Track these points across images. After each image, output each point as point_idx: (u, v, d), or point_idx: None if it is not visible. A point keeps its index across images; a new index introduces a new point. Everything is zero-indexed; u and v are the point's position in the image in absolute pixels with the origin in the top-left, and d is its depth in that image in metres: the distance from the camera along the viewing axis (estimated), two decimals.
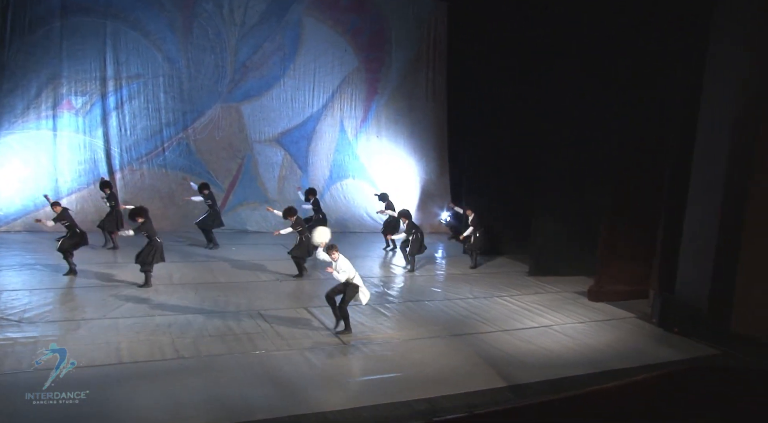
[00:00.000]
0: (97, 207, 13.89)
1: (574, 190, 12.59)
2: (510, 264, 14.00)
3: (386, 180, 17.20)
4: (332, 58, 16.39)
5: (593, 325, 9.58)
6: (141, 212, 10.12)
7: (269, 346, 7.74)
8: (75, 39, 13.80)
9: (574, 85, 12.22)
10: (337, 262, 8.40)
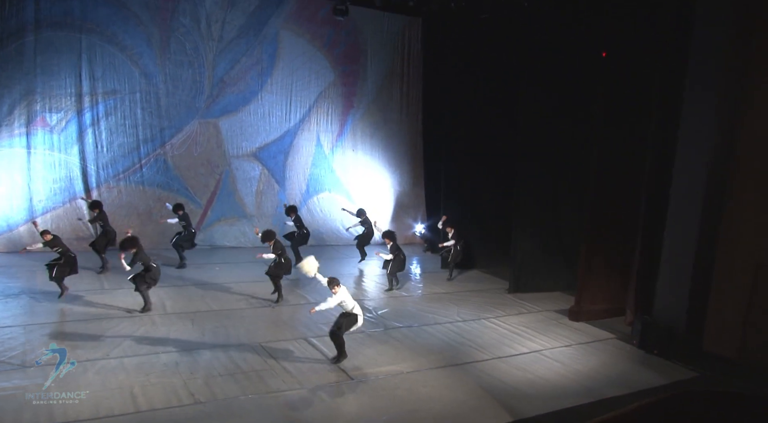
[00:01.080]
0: (73, 226, 13.71)
1: (551, 206, 13.09)
2: (487, 279, 14.46)
3: (362, 193, 17.43)
4: (309, 72, 16.45)
5: (579, 348, 10.08)
6: (133, 243, 10.08)
7: (281, 384, 7.90)
8: (49, 54, 13.45)
9: (551, 101, 12.65)
10: (336, 295, 8.58)
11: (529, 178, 13.03)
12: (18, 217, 13.49)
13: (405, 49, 17.45)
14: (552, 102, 12.67)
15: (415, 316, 11.26)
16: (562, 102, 12.59)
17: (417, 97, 17.62)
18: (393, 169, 17.83)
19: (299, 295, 12.01)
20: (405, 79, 17.59)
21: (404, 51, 17.45)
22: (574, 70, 12.28)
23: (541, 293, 13.14)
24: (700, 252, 10.09)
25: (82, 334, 9.12)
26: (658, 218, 10.81)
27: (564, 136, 12.76)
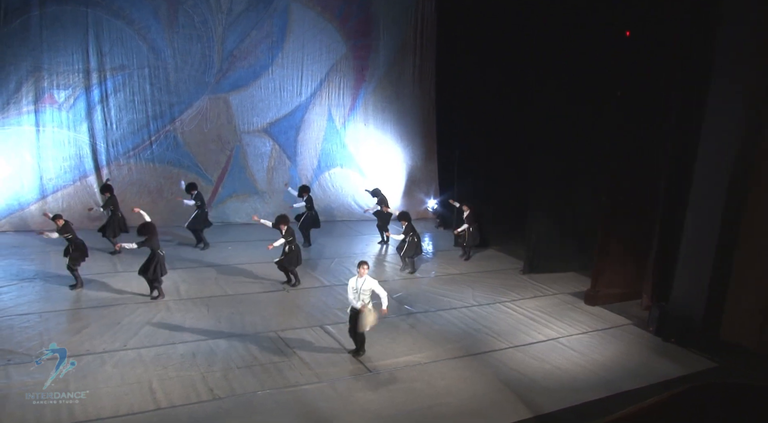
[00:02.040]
0: (84, 204, 13.56)
1: (567, 186, 12.87)
2: (502, 258, 14.36)
3: (374, 167, 17.23)
4: (320, 45, 16.06)
5: (596, 336, 10.01)
6: (149, 229, 9.99)
7: (299, 378, 7.88)
8: (55, 29, 13.13)
9: (570, 78, 12.35)
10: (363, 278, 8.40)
11: (545, 159, 12.79)
12: (29, 196, 13.40)
13: (418, 22, 16.97)
14: (569, 80, 12.33)
15: (431, 299, 11.20)
16: (581, 81, 12.25)
17: (430, 71, 17.22)
18: (405, 143, 17.57)
19: (314, 278, 11.94)
20: (418, 52, 17.17)
21: (418, 23, 16.98)
22: (594, 47, 11.89)
23: (555, 274, 13.05)
24: (722, 238, 9.91)
25: (99, 322, 9.10)
26: (677, 203, 10.63)
27: (581, 116, 12.46)
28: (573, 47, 12.14)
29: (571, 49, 12.18)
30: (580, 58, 12.11)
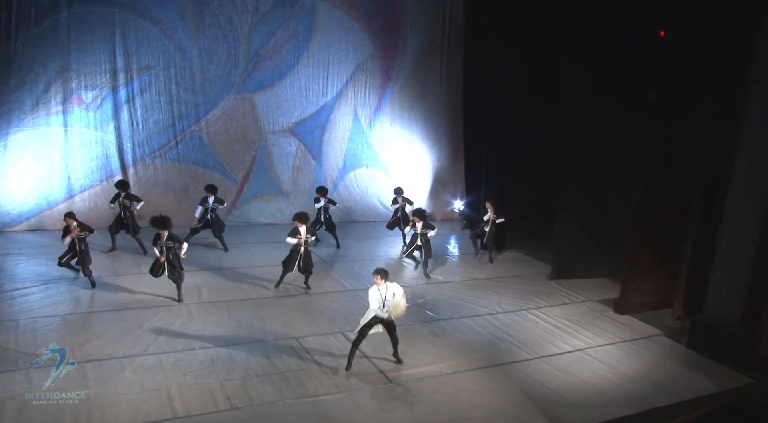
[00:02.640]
0: None
1: (597, 188, 12.53)
2: (528, 263, 14.05)
3: (400, 168, 17.03)
4: (347, 44, 15.89)
5: (625, 347, 9.70)
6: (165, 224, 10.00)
7: (318, 387, 7.77)
8: (83, 29, 13.19)
9: (600, 78, 12.02)
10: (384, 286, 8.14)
11: (574, 160, 12.49)
12: (57, 196, 13.53)
13: (446, 20, 16.69)
14: (600, 80, 12.00)
15: (455, 306, 10.99)
16: (613, 80, 11.90)
17: (458, 70, 16.93)
18: (432, 143, 17.33)
19: (336, 281, 11.83)
20: (446, 50, 16.89)
21: (445, 22, 16.69)
22: (627, 48, 11.53)
23: (583, 280, 12.71)
24: (760, 246, 9.50)
25: (120, 325, 9.11)
26: (712, 207, 10.23)
27: (612, 118, 12.13)
28: (605, 46, 11.79)
29: (603, 48, 11.83)
30: (613, 58, 11.75)
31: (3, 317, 9.12)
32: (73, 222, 10.25)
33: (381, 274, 8.11)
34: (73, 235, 10.17)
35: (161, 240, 9.88)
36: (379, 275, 8.09)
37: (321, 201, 13.65)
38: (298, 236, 10.76)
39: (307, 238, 10.92)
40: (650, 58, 10.93)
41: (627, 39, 11.43)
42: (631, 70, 11.47)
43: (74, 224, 10.22)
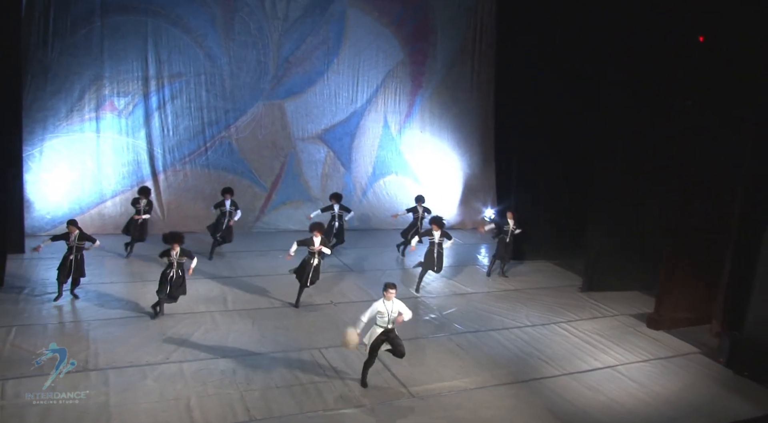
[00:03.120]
0: None
1: (632, 198, 12.19)
2: (559, 274, 13.75)
3: (429, 175, 16.86)
4: (377, 51, 15.82)
5: (659, 365, 9.34)
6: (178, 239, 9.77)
7: (338, 401, 7.63)
8: (116, 38, 13.39)
9: (636, 85, 11.70)
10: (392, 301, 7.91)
11: (607, 169, 12.19)
12: (89, 201, 13.71)
13: (477, 25, 16.49)
14: (635, 87, 11.69)
15: (482, 318, 10.76)
16: (649, 87, 11.58)
17: (489, 76, 16.68)
18: (462, 150, 17.11)
19: (362, 290, 11.70)
20: (477, 56, 16.68)
21: (477, 27, 16.50)
22: (663, 54, 11.18)
23: (616, 292, 12.37)
24: None
25: (145, 332, 9.12)
26: (753, 220, 9.81)
27: (648, 125, 11.80)
28: (641, 51, 11.49)
29: (639, 54, 11.53)
30: (648, 64, 11.44)
31: (32, 321, 9.22)
32: (75, 230, 10.01)
33: (394, 288, 7.93)
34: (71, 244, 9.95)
35: (171, 255, 9.59)
36: (393, 289, 7.91)
37: (335, 208, 13.51)
38: (311, 246, 10.54)
39: (320, 249, 10.60)
40: (687, 65, 10.57)
41: (663, 44, 11.09)
42: (668, 77, 11.13)
43: (76, 233, 10.00)
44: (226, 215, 12.62)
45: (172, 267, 9.59)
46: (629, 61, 11.67)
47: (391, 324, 7.90)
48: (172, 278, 9.56)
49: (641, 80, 11.56)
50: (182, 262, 9.68)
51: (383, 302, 7.89)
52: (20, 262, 11.58)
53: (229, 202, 12.65)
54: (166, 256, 9.63)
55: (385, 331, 7.91)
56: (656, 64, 11.28)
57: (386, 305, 7.89)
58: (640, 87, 11.56)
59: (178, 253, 9.61)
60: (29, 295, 10.15)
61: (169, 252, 9.62)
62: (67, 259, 9.90)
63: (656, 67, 11.29)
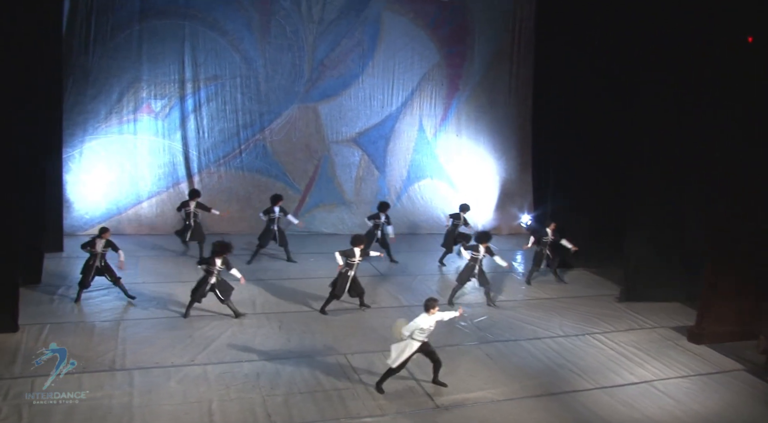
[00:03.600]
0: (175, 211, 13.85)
1: (674, 204, 11.79)
2: (596, 283, 13.33)
3: (465, 180, 16.61)
4: (412, 53, 15.69)
5: (699, 381, 8.90)
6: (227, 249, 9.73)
7: (361, 409, 7.50)
8: (154, 42, 13.62)
9: (677, 87, 11.29)
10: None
11: (648, 175, 11.77)
12: (127, 201, 13.95)
13: (516, 27, 16.22)
14: (678, 90, 11.29)
15: (514, 327, 10.48)
16: (693, 89, 11.14)
17: (527, 78, 16.35)
18: (499, 155, 16.82)
19: (392, 296, 11.56)
20: (515, 59, 16.40)
21: (515, 29, 16.22)
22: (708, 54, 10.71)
23: (656, 303, 11.90)
24: None
25: (172, 333, 9.16)
26: None
27: (691, 129, 11.34)
28: (682, 52, 11.05)
29: (681, 54, 11.09)
30: (693, 65, 10.98)
31: (66, 319, 9.37)
32: (107, 237, 10.06)
33: (435, 305, 7.81)
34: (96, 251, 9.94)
35: (216, 265, 9.52)
36: (437, 306, 7.80)
37: (381, 217, 13.28)
38: (351, 258, 10.38)
39: (359, 262, 10.49)
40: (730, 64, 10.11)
41: (708, 46, 10.62)
42: (710, 78, 10.66)
43: (103, 241, 10.01)
44: (275, 222, 12.59)
45: (211, 276, 9.55)
46: (670, 63, 11.26)
47: (427, 338, 7.81)
48: (212, 285, 9.57)
49: (683, 82, 11.15)
50: (220, 269, 9.63)
51: (427, 317, 7.77)
52: (59, 261, 11.84)
53: (278, 209, 12.61)
54: (208, 265, 9.55)
55: (422, 344, 7.82)
56: (698, 64, 10.82)
57: (429, 320, 7.78)
58: (681, 89, 11.15)
59: (221, 263, 9.56)
60: (64, 294, 10.32)
61: (212, 260, 9.51)
62: (92, 266, 9.92)
63: (698, 68, 10.83)
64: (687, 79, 11.13)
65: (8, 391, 7.16)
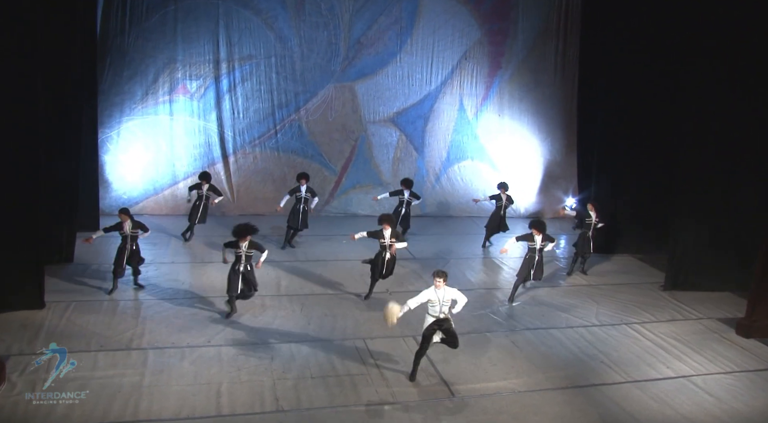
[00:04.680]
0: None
1: (726, 187, 10.98)
2: (640, 270, 12.63)
3: (507, 161, 16.03)
4: (452, 30, 15.12)
5: (744, 378, 8.23)
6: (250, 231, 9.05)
7: (373, 395, 7.25)
8: (189, 22, 13.57)
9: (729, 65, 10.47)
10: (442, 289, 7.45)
11: (698, 157, 10.97)
12: (163, 181, 14.06)
13: (562, 3, 15.40)
14: (729, 67, 10.47)
15: (546, 314, 9.99)
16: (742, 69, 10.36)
17: (574, 57, 15.57)
18: (543, 136, 16.12)
19: (422, 281, 11.16)
20: (561, 36, 15.60)
21: (561, 5, 15.41)
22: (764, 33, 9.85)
23: (703, 293, 11.17)
24: None
25: (191, 314, 9.12)
26: None
27: (746, 110, 10.51)
28: (739, 28, 10.24)
29: (737, 30, 10.28)
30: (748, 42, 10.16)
31: (90, 297, 9.46)
32: (128, 219, 9.68)
33: (442, 276, 7.41)
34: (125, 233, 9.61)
35: (241, 248, 8.87)
36: (441, 278, 7.39)
37: (405, 194, 12.97)
38: (382, 240, 9.98)
39: (392, 243, 9.94)
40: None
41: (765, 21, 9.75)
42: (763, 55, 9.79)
43: (128, 222, 9.66)
44: (302, 202, 12.29)
45: (240, 261, 8.89)
46: (724, 40, 10.43)
47: (443, 314, 7.45)
48: (241, 274, 8.89)
49: (738, 59, 10.30)
50: (250, 255, 8.97)
51: (434, 290, 7.45)
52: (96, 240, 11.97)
53: (304, 188, 12.33)
54: (234, 248, 8.94)
55: (437, 320, 7.48)
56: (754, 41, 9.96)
57: (437, 293, 7.42)
58: (733, 67, 10.32)
59: (246, 246, 8.92)
60: (95, 273, 10.44)
61: (237, 244, 8.89)
62: (123, 250, 9.61)
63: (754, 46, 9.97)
64: (742, 56, 10.30)
65: (26, 368, 7.26)
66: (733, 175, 10.85)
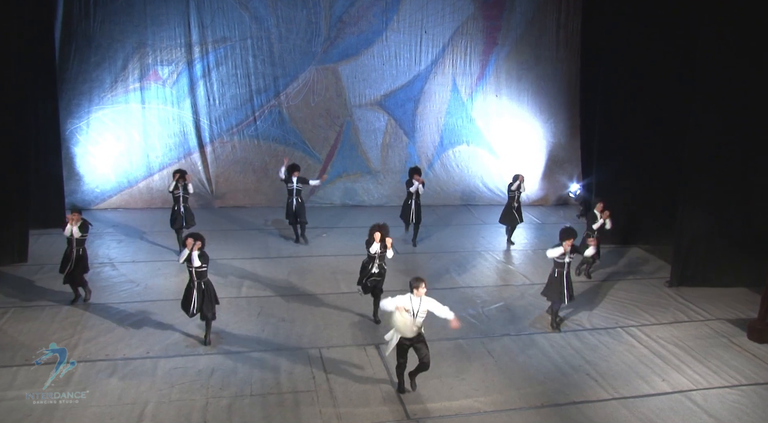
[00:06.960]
0: None
1: (739, 176, 9.95)
2: (646, 262, 11.54)
3: (506, 145, 14.96)
4: (443, 4, 14.03)
5: (753, 393, 7.16)
6: None
7: (314, 418, 6.39)
8: (157, 3, 12.76)
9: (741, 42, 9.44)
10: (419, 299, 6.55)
11: (708, 142, 9.83)
12: (137, 174, 13.35)
13: None
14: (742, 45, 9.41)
15: (531, 316, 9.02)
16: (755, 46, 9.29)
17: (576, 32, 14.37)
18: (545, 117, 14.99)
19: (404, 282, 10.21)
20: (563, 8, 14.41)
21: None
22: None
23: (714, 289, 10.10)
24: None
25: (139, 321, 8.34)
26: None
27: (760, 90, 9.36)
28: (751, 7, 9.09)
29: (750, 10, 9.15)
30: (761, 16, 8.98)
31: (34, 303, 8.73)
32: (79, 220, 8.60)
33: (421, 283, 6.52)
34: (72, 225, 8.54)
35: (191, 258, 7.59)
36: (419, 286, 6.50)
37: (414, 184, 11.63)
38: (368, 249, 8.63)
39: (383, 252, 8.43)
40: None
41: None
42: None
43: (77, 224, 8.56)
44: (293, 194, 11.44)
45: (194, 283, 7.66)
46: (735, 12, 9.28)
47: (415, 327, 6.56)
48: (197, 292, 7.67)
49: (750, 35, 9.20)
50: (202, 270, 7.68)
51: (410, 298, 6.57)
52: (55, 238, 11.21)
53: (295, 180, 11.46)
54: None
55: (408, 339, 6.66)
56: None
57: (412, 302, 6.53)
58: (745, 44, 9.21)
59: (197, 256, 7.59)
60: (47, 272, 9.74)
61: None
62: (68, 257, 8.59)
63: None
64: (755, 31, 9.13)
65: None
66: (747, 158, 9.72)
